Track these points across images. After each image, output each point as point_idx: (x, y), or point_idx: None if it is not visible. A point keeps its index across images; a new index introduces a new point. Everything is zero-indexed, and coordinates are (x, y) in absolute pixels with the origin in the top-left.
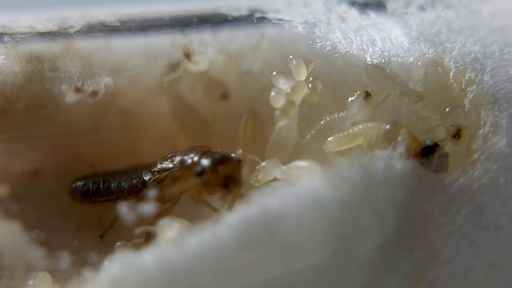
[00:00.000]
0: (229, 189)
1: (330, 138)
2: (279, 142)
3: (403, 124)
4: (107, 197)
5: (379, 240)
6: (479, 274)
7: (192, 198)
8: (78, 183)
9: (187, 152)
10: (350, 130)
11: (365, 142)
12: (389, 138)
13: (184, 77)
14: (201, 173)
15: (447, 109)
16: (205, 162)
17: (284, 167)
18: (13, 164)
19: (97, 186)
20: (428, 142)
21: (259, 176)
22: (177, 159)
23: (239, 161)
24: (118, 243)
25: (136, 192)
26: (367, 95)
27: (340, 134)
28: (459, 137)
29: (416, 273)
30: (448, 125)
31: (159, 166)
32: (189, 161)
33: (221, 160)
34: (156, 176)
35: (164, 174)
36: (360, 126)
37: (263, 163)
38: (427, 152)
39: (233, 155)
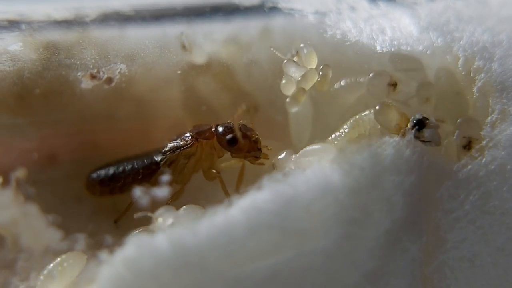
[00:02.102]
0: (260, 152)
1: (330, 138)
2: (297, 127)
3: (391, 104)
4: (124, 180)
5: (387, 225)
6: (486, 259)
7: (205, 175)
8: (93, 174)
9: (194, 129)
10: (345, 126)
11: (364, 131)
12: (379, 119)
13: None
14: (233, 140)
15: (458, 120)
16: (232, 130)
17: (296, 155)
18: (30, 149)
19: (113, 172)
20: (418, 116)
21: (276, 168)
22: (188, 135)
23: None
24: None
25: (151, 173)
26: (394, 84)
27: (338, 133)
28: (469, 148)
29: (424, 257)
30: (460, 136)
31: (169, 145)
32: (207, 133)
33: (246, 128)
34: (168, 156)
35: (177, 152)
36: (351, 120)
37: (281, 155)
38: (417, 126)
39: None
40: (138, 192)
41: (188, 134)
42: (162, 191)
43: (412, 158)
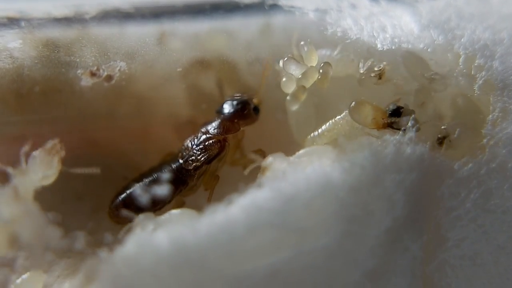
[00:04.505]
0: None
1: (308, 138)
2: (299, 124)
3: (365, 100)
4: (154, 208)
5: (388, 223)
6: (487, 257)
7: (231, 163)
8: (117, 201)
9: (218, 128)
10: (323, 127)
11: (341, 133)
12: (354, 117)
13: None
14: (257, 109)
15: (453, 122)
16: (251, 100)
17: (291, 158)
18: (29, 146)
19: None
20: (392, 107)
21: (268, 173)
22: (214, 139)
23: None
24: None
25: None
26: (381, 76)
27: (316, 133)
28: (440, 144)
29: (425, 256)
30: (441, 128)
31: (199, 158)
32: (234, 126)
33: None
34: (202, 168)
35: (213, 162)
36: (330, 121)
37: (269, 159)
38: (394, 115)
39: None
40: (138, 190)
41: (212, 137)
42: (162, 190)
43: (413, 156)
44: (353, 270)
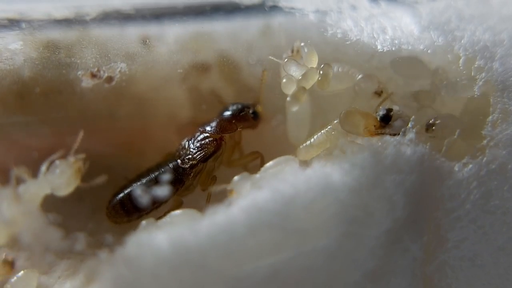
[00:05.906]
0: None
1: (300, 147)
2: (295, 125)
3: (355, 109)
4: (152, 207)
5: (388, 224)
6: (487, 258)
7: (228, 164)
8: (114, 202)
9: (216, 127)
10: (315, 137)
11: (334, 143)
12: (346, 128)
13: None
14: (256, 114)
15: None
16: (252, 108)
17: (257, 175)
18: (30, 148)
19: (135, 199)
20: (382, 112)
21: (234, 194)
22: (211, 138)
23: None
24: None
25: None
26: (380, 92)
27: (308, 143)
28: (428, 129)
29: (425, 256)
30: (431, 117)
31: (195, 156)
32: (231, 127)
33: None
34: (198, 167)
35: (208, 160)
36: (322, 131)
37: (235, 178)
38: (385, 121)
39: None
40: (135, 190)
41: (209, 136)
42: (159, 189)
43: (413, 157)
44: (353, 270)
